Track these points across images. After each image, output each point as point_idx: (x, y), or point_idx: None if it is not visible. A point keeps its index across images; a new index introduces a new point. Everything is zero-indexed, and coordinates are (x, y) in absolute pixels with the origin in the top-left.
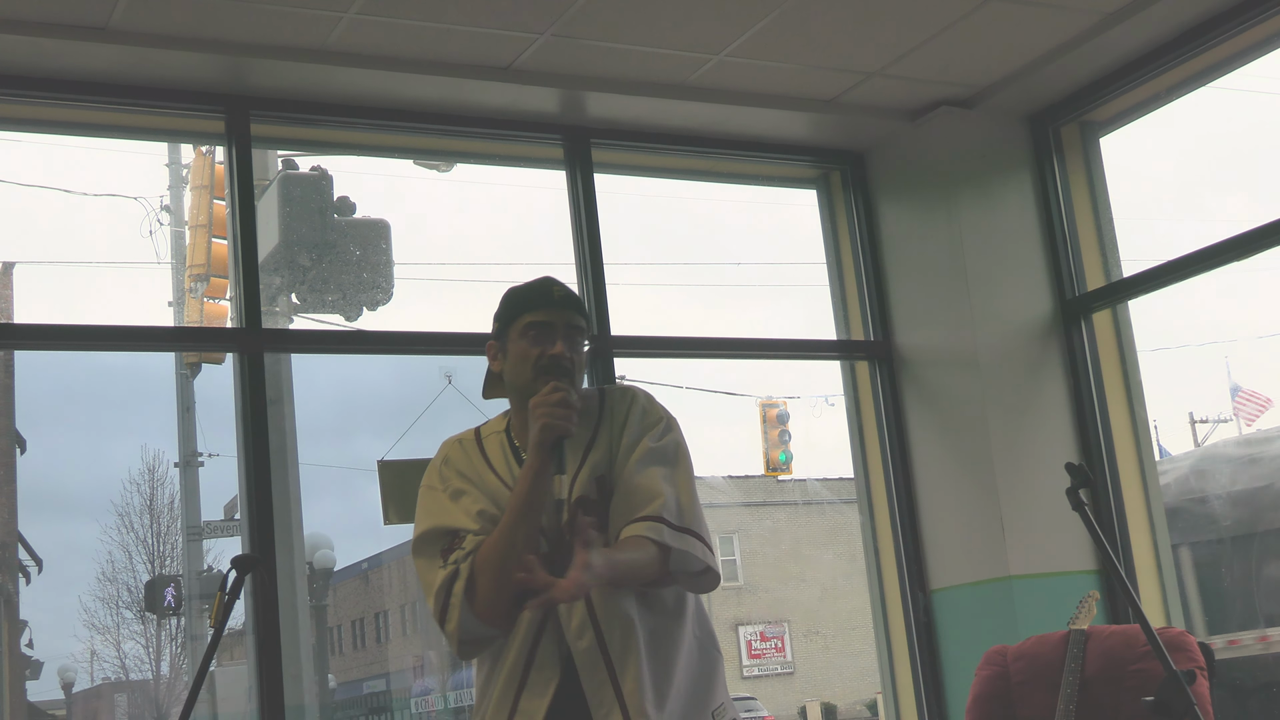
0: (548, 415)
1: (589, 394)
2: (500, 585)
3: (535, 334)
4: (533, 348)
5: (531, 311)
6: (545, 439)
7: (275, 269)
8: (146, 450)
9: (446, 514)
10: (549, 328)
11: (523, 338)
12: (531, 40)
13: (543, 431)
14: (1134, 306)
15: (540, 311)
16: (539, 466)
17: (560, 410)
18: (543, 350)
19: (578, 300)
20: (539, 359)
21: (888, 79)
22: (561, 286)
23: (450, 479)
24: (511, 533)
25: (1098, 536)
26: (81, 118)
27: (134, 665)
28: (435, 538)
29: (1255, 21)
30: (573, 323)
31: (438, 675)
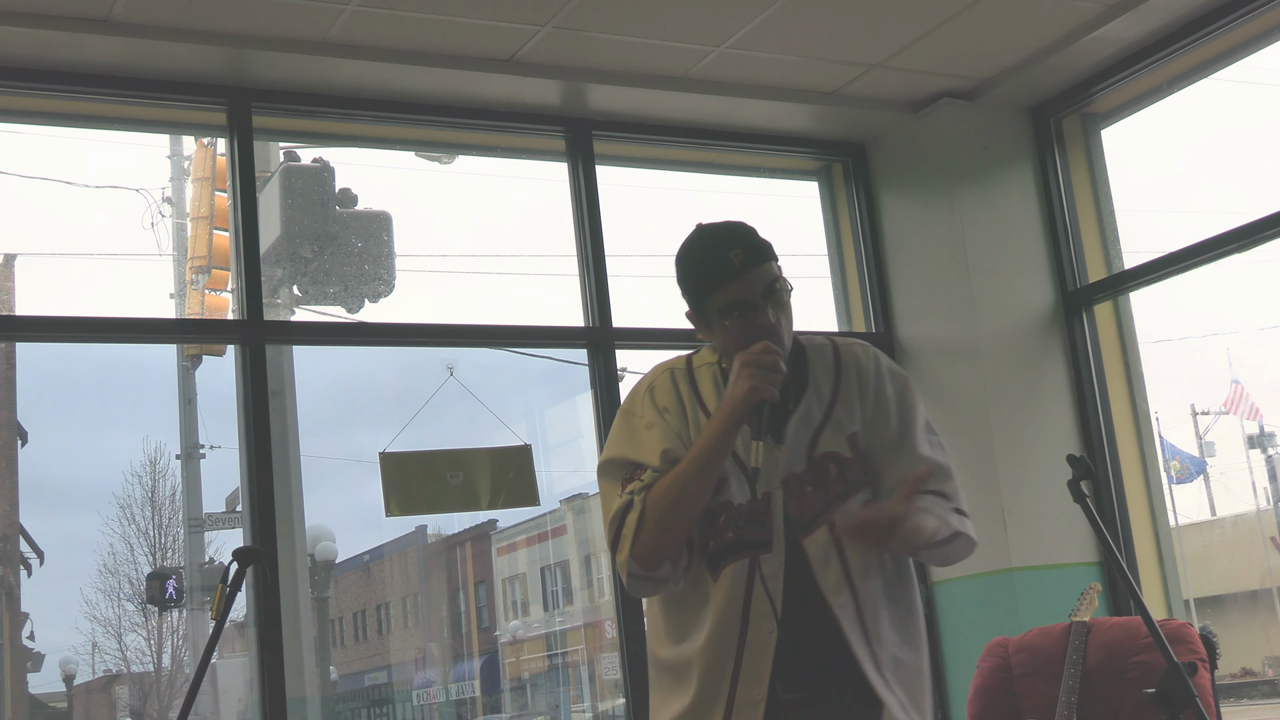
0: (757, 377)
1: (820, 344)
2: (662, 529)
3: (738, 313)
4: (738, 325)
5: (723, 289)
6: (750, 401)
7: (277, 261)
8: (148, 442)
9: (635, 444)
10: (747, 305)
11: (725, 318)
12: (533, 32)
13: (749, 394)
14: (1135, 298)
15: (729, 287)
16: (730, 426)
17: (771, 375)
18: (750, 326)
19: (762, 249)
20: (749, 335)
21: (889, 71)
22: (741, 245)
23: (647, 410)
24: (685, 481)
25: (1099, 528)
26: (83, 109)
27: (135, 657)
28: (619, 466)
29: (1257, 13)
30: (765, 279)
31: (439, 668)
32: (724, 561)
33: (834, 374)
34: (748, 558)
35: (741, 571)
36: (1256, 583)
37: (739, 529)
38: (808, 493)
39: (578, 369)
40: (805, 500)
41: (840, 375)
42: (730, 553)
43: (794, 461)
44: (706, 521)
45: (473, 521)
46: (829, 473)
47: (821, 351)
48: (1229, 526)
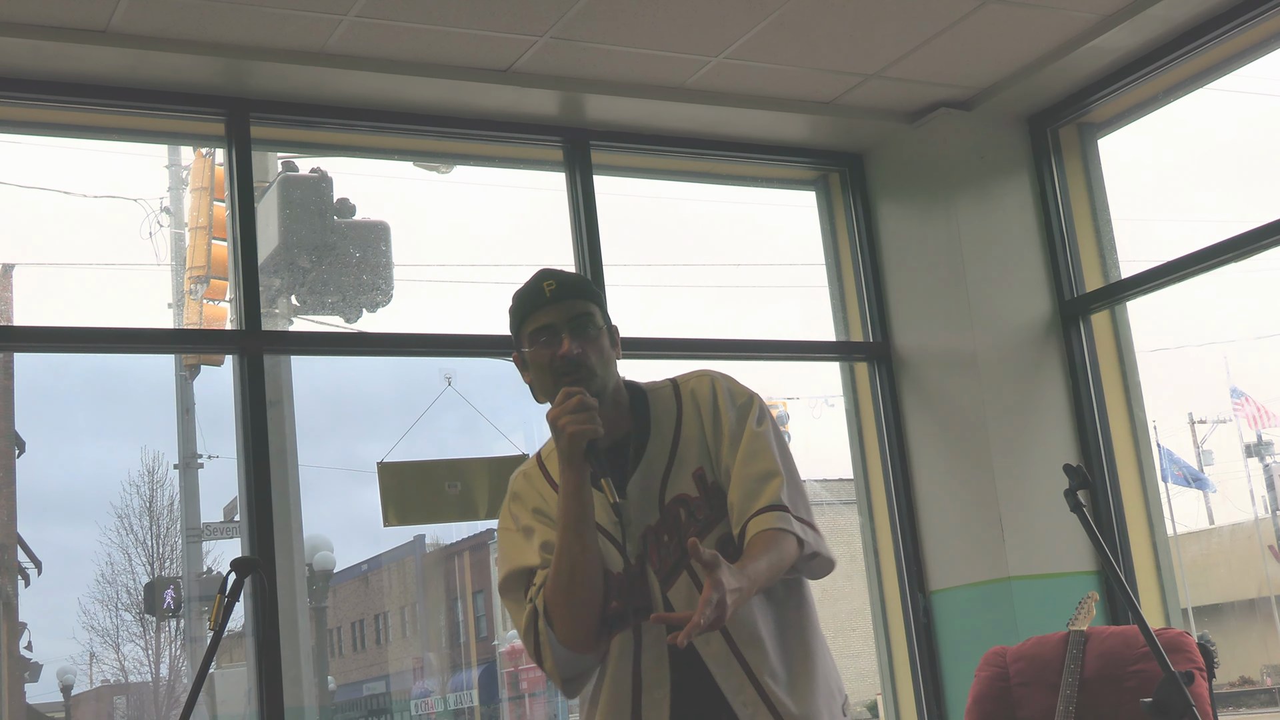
0: (570, 423)
1: (660, 387)
2: (573, 611)
3: (544, 339)
4: (543, 353)
5: (530, 317)
6: (575, 449)
7: (275, 271)
8: (146, 452)
9: (520, 553)
10: (551, 330)
11: (533, 345)
12: (531, 43)
13: (570, 442)
14: (1132, 307)
15: (539, 314)
16: (573, 480)
17: (580, 415)
18: (553, 353)
19: (576, 285)
20: (553, 362)
21: (886, 81)
22: (555, 278)
23: (519, 515)
24: (567, 555)
25: (1096, 538)
26: (81, 120)
27: (133, 667)
28: (516, 579)
29: (1252, 23)
30: (575, 313)
31: (437, 677)
32: (611, 632)
33: (675, 414)
34: (630, 626)
35: (628, 641)
36: (1254, 591)
37: (623, 597)
38: (664, 543)
39: None
40: (663, 551)
41: (681, 413)
42: (616, 623)
43: (647, 513)
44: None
45: (471, 531)
46: (679, 517)
47: (661, 394)
48: (1227, 535)
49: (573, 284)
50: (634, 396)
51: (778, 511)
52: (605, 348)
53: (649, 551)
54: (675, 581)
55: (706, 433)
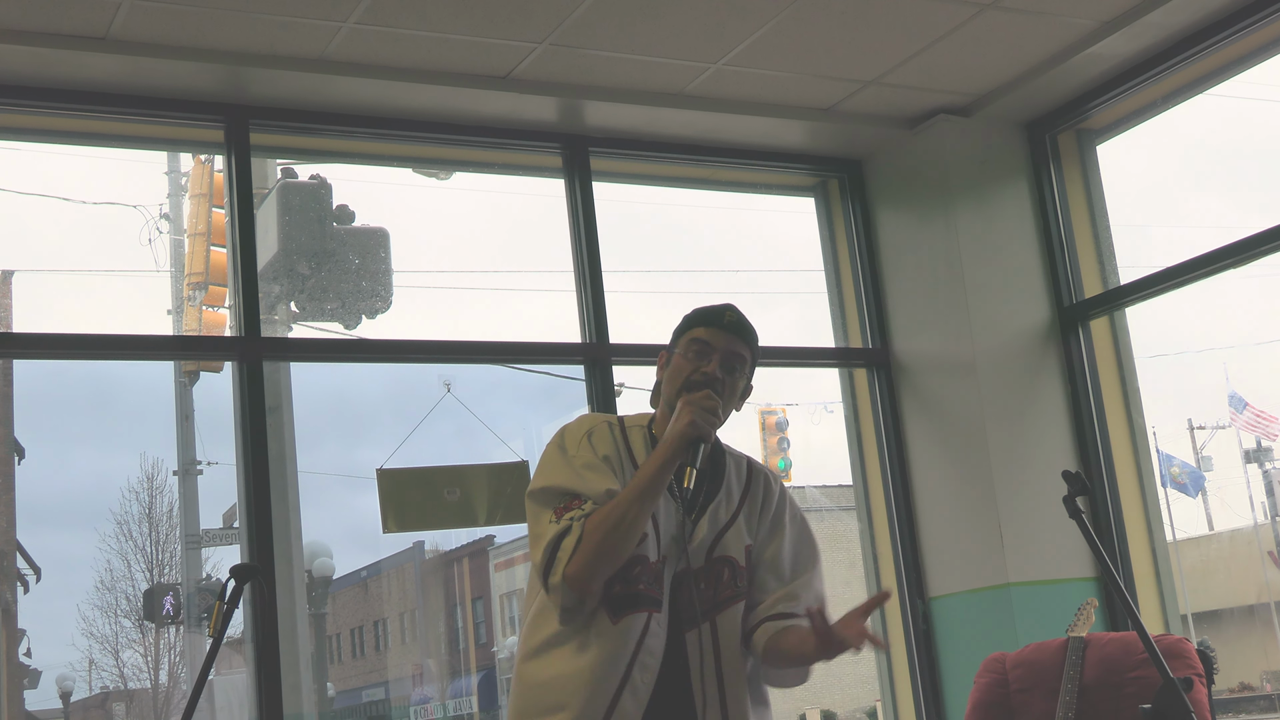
0: (697, 414)
1: (738, 456)
2: (599, 554)
3: (697, 350)
4: (689, 362)
5: (699, 328)
6: (688, 436)
7: (274, 277)
8: (145, 458)
9: (576, 478)
10: (709, 347)
11: (685, 351)
12: (530, 49)
13: (689, 428)
14: (1131, 313)
15: (706, 330)
16: (669, 457)
17: (709, 416)
18: (697, 366)
19: (750, 331)
20: (691, 374)
21: (885, 87)
22: (738, 315)
23: (586, 453)
24: (626, 508)
25: (1094, 544)
26: (81, 127)
27: (133, 674)
28: (556, 495)
29: (1250, 29)
30: (734, 349)
31: (437, 684)
32: (627, 609)
33: (744, 484)
34: (647, 613)
35: (639, 623)
36: (1254, 597)
37: (648, 583)
38: (700, 589)
39: (575, 385)
40: (696, 595)
41: (749, 488)
42: (631, 604)
43: (695, 556)
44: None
45: (470, 537)
46: (722, 575)
47: (738, 461)
48: (1226, 541)
49: (748, 328)
50: (717, 450)
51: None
52: (737, 392)
53: (681, 590)
54: (698, 627)
55: (764, 520)
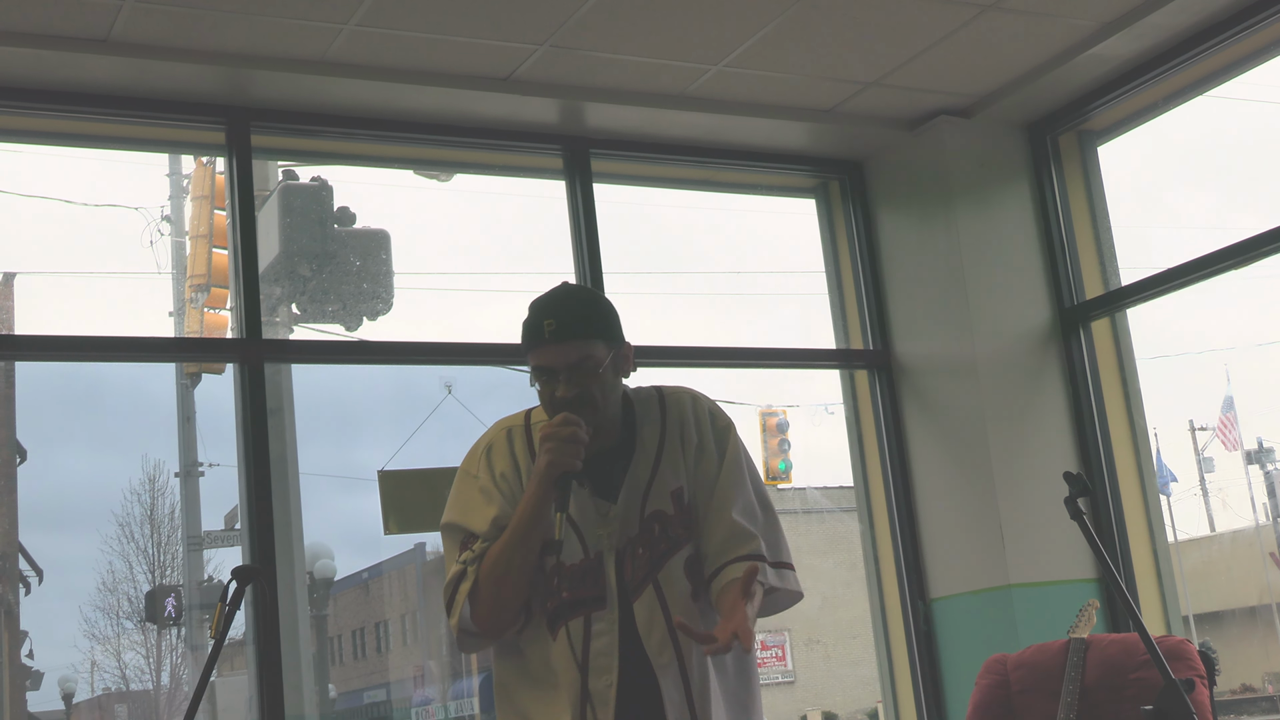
0: (554, 452)
1: (647, 397)
2: (496, 599)
3: (543, 379)
4: (545, 390)
5: (532, 354)
6: (550, 474)
7: (275, 279)
8: (147, 460)
9: (469, 510)
10: (549, 372)
11: (535, 381)
12: (531, 51)
13: (548, 468)
14: (1132, 315)
15: (536, 353)
16: (538, 498)
17: (568, 446)
18: (551, 392)
19: (576, 323)
20: (552, 401)
21: (886, 89)
22: (557, 316)
23: (485, 472)
24: (509, 554)
25: (1095, 545)
26: (82, 129)
27: (134, 675)
28: (454, 531)
29: (1251, 30)
30: (573, 359)
31: (438, 685)
32: (561, 620)
33: (660, 427)
34: (583, 615)
35: (578, 629)
36: (1255, 599)
37: (573, 588)
38: (639, 555)
39: None
40: (636, 563)
41: (665, 428)
42: (567, 612)
43: (629, 526)
44: (543, 582)
45: None
46: (654, 532)
47: (648, 406)
48: (1228, 542)
49: (572, 323)
50: (625, 408)
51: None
52: (608, 381)
53: (624, 563)
54: (642, 594)
55: (688, 455)
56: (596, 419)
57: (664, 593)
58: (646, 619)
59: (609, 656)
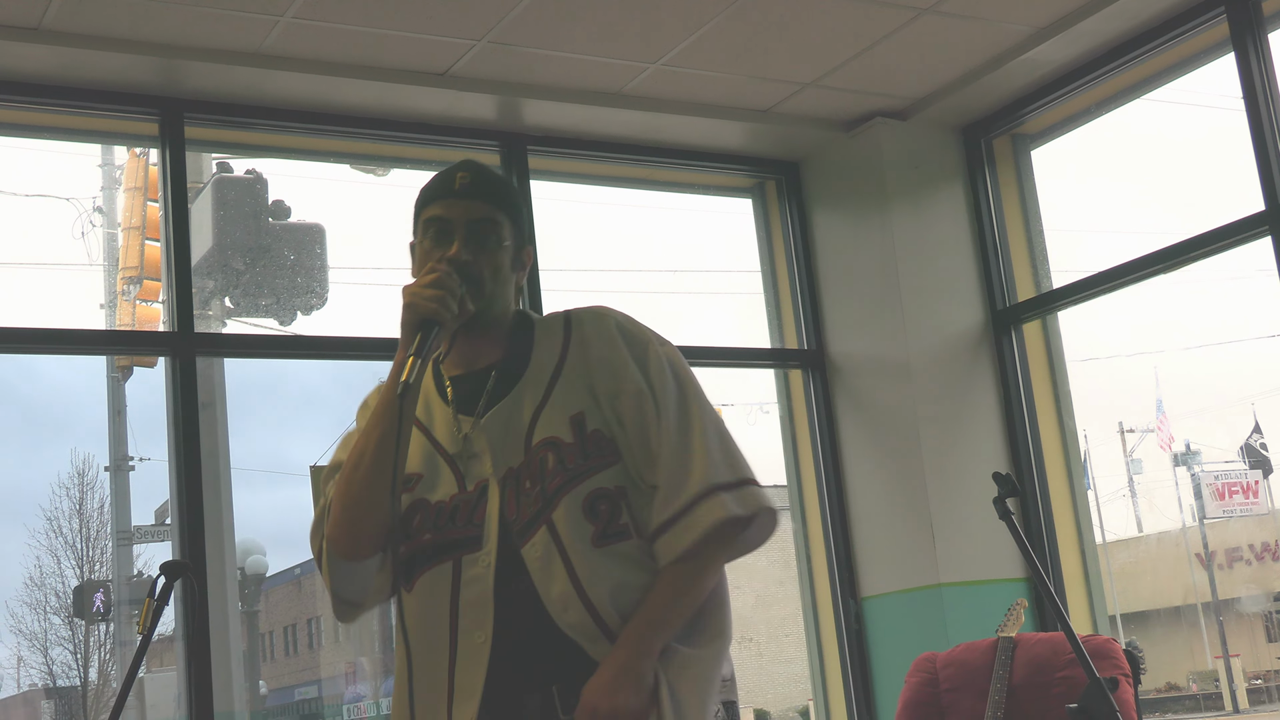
0: (414, 295)
1: (550, 320)
2: (347, 501)
3: (434, 232)
4: (432, 250)
5: (431, 204)
6: (409, 320)
7: (209, 272)
8: (76, 454)
9: (343, 446)
10: (445, 225)
11: (424, 236)
12: (468, 47)
13: (407, 311)
14: (1063, 317)
15: (439, 203)
16: (399, 360)
17: (429, 290)
18: (441, 252)
19: (491, 186)
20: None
21: (822, 90)
22: (472, 172)
23: (360, 417)
24: (364, 438)
25: (1023, 545)
26: (13, 118)
27: (62, 671)
28: (328, 473)
29: (1184, 37)
30: (478, 216)
31: (370, 682)
32: (419, 568)
33: (560, 349)
34: (450, 560)
35: (443, 577)
36: (1181, 599)
37: (437, 529)
38: (525, 489)
39: None
40: (524, 499)
41: (567, 350)
42: (427, 558)
43: (510, 454)
44: (400, 525)
45: None
46: (546, 463)
47: (550, 326)
48: (1154, 543)
49: (489, 184)
50: (519, 323)
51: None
52: (502, 264)
53: (507, 497)
54: (533, 536)
55: (595, 377)
56: (480, 302)
57: (560, 534)
58: (543, 569)
59: (482, 609)
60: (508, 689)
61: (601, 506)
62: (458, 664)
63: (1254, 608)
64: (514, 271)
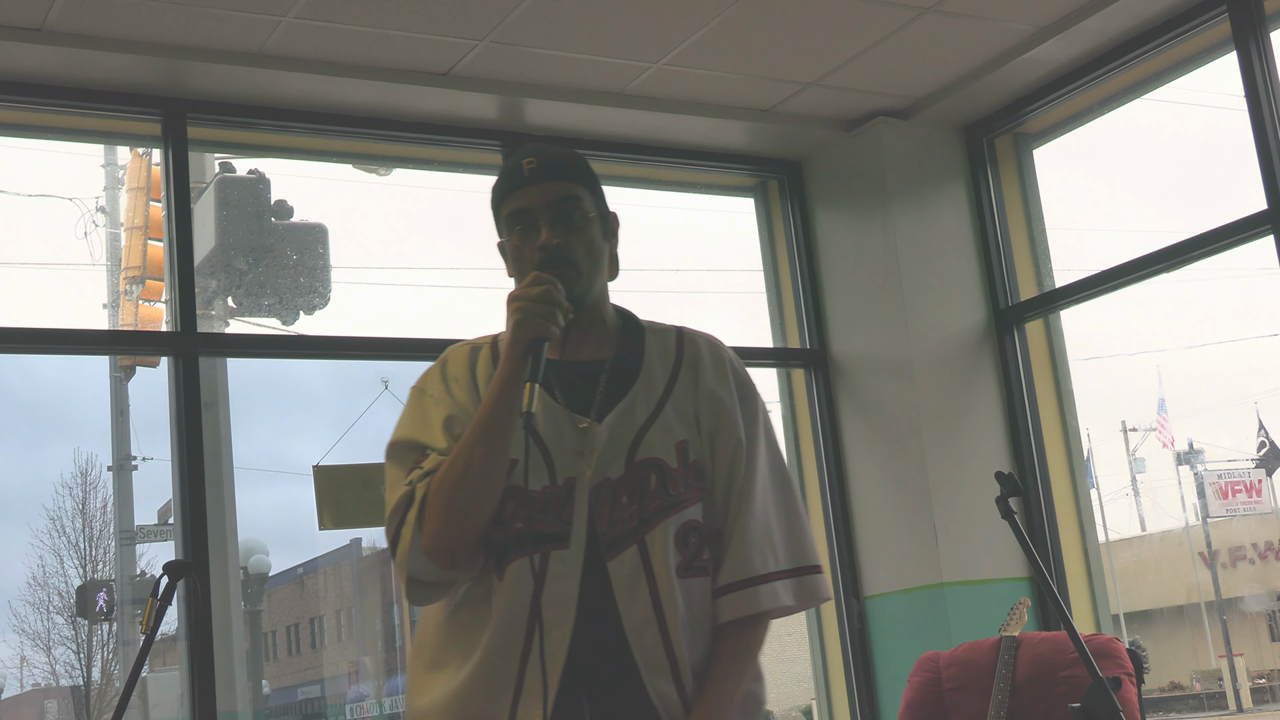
0: (523, 311)
1: (664, 330)
2: (448, 518)
3: (519, 225)
4: (523, 244)
5: (509, 199)
6: (518, 338)
7: (211, 272)
8: (79, 454)
9: (422, 423)
10: (529, 214)
11: (511, 232)
12: (470, 46)
13: (516, 329)
14: (1066, 316)
15: (516, 195)
16: (509, 374)
17: (539, 306)
18: (531, 244)
19: (562, 163)
20: (530, 256)
21: (825, 89)
22: (538, 155)
23: (434, 386)
24: (469, 451)
25: (1026, 544)
26: (16, 119)
27: (65, 671)
28: (405, 450)
29: (1185, 37)
30: (557, 195)
31: (372, 681)
32: (510, 557)
33: (672, 366)
34: (538, 553)
35: (527, 569)
36: (1184, 598)
37: (529, 519)
38: (621, 504)
39: None
40: (617, 513)
41: (679, 369)
42: (517, 547)
43: (609, 464)
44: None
45: None
46: (649, 483)
47: (663, 338)
48: (1157, 542)
49: (558, 162)
50: (626, 321)
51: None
52: (594, 239)
53: (600, 507)
54: (622, 553)
55: (702, 407)
56: (579, 289)
57: (651, 560)
58: (628, 588)
59: (565, 607)
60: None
61: (692, 539)
62: (530, 660)
63: (1257, 607)
64: (605, 241)
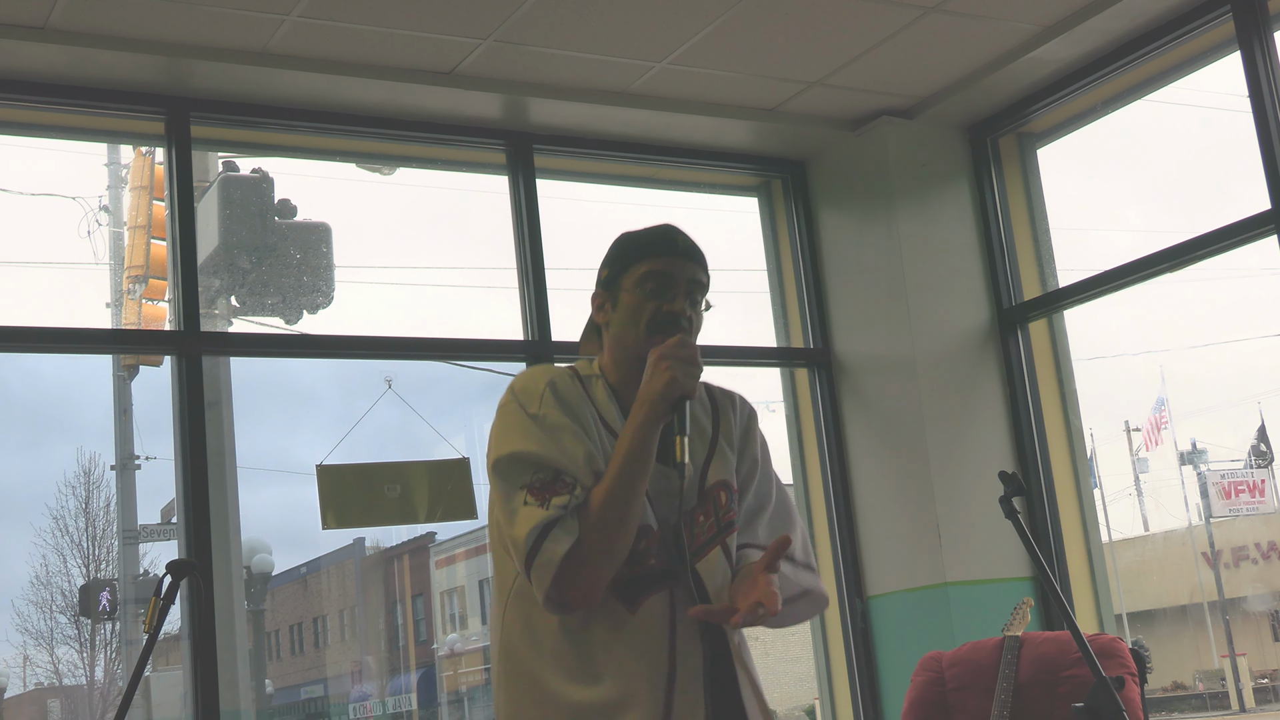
0: (675, 369)
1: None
2: (606, 560)
3: (653, 286)
4: (648, 301)
5: (650, 259)
6: (669, 396)
7: (215, 271)
8: (82, 453)
9: (550, 445)
10: (669, 280)
11: (638, 288)
12: (475, 46)
13: (668, 387)
14: (1069, 316)
15: (661, 260)
16: (651, 423)
17: (689, 368)
18: (659, 305)
19: (702, 255)
20: (655, 314)
21: (829, 88)
22: (686, 236)
23: (553, 410)
24: (624, 497)
25: (1029, 544)
26: (19, 117)
27: (68, 670)
28: (528, 466)
29: (1189, 36)
30: (696, 278)
31: (376, 681)
32: (645, 593)
33: (712, 412)
34: (667, 589)
35: (664, 603)
36: (1187, 598)
37: (661, 557)
38: (699, 522)
39: None
40: (696, 529)
41: (719, 414)
42: (652, 583)
43: (688, 495)
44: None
45: (411, 534)
46: (720, 500)
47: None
48: (1160, 542)
49: (701, 251)
50: None
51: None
52: (700, 327)
53: (683, 528)
54: (707, 554)
55: (731, 438)
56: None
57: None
58: (719, 581)
59: (692, 637)
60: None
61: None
62: (678, 686)
63: (1260, 606)
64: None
